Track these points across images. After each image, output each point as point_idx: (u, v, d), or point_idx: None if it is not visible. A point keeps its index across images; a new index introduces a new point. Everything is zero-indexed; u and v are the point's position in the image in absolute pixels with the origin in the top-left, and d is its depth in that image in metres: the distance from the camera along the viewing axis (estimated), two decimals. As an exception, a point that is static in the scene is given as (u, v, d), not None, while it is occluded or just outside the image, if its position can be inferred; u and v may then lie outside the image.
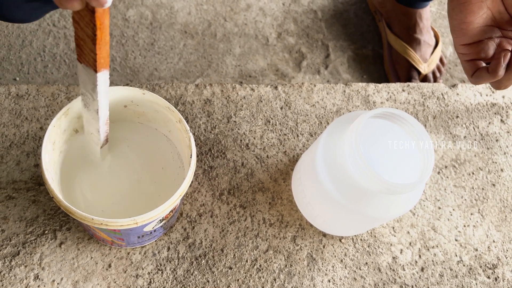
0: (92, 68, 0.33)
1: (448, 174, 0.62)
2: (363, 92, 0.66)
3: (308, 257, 0.54)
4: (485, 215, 0.60)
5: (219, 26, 0.89)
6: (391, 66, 0.88)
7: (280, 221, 0.55)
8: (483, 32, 0.45)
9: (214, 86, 0.63)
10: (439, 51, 0.88)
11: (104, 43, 0.31)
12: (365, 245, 0.56)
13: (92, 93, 0.36)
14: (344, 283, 0.53)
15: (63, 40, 0.83)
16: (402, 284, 0.54)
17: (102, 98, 0.36)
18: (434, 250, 0.56)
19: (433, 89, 0.68)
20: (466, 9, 0.44)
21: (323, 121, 0.63)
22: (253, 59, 0.87)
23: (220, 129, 0.60)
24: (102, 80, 0.35)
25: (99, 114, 0.38)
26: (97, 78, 0.34)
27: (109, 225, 0.38)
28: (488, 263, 0.57)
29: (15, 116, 0.57)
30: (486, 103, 0.68)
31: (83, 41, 0.32)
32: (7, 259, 0.49)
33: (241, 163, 0.58)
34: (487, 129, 0.66)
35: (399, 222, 0.58)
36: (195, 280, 0.51)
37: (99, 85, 0.35)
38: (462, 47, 0.47)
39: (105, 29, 0.30)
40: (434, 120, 0.65)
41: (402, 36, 0.87)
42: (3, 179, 0.53)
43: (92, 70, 0.33)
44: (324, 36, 0.91)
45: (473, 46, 0.46)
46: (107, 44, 0.32)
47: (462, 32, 0.46)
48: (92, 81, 0.34)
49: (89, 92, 0.36)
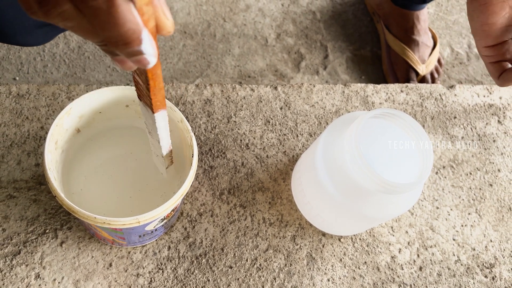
0: (150, 109, 0.35)
1: (446, 174, 0.62)
2: (362, 93, 0.66)
3: (307, 256, 0.54)
4: (482, 214, 0.60)
5: (219, 26, 0.89)
6: (390, 67, 0.89)
7: (280, 221, 0.56)
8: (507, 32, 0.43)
9: (214, 87, 0.63)
10: (437, 52, 0.89)
11: (158, 90, 0.33)
12: (364, 245, 0.56)
13: (153, 127, 0.38)
14: (343, 282, 0.54)
15: (63, 40, 0.83)
16: (401, 283, 0.54)
17: (162, 132, 0.38)
18: (432, 250, 0.57)
19: (431, 90, 0.68)
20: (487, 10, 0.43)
21: (322, 121, 0.63)
22: (252, 60, 0.87)
23: (220, 129, 0.60)
24: (160, 119, 0.36)
25: (160, 144, 0.40)
26: (155, 118, 0.36)
27: (111, 224, 0.38)
28: (486, 262, 0.57)
29: (16, 116, 0.57)
30: (483, 104, 0.68)
31: (140, 85, 0.33)
32: (8, 258, 0.50)
33: (241, 162, 0.59)
34: (485, 130, 0.66)
35: (397, 222, 0.58)
36: (196, 279, 0.51)
37: (158, 123, 0.37)
38: (486, 49, 0.45)
39: (157, 78, 0.31)
40: (432, 121, 0.66)
41: (401, 38, 0.88)
42: (4, 178, 0.53)
43: (150, 110, 0.35)
44: (323, 37, 0.92)
45: (497, 47, 0.44)
46: (161, 90, 0.33)
47: (484, 34, 0.44)
48: (152, 118, 0.36)
49: (150, 125, 0.38)
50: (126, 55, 0.25)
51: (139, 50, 0.25)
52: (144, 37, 0.24)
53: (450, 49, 0.95)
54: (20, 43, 0.54)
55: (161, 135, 0.38)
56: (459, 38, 0.97)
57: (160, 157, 0.43)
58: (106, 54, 0.29)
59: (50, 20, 0.24)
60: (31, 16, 0.24)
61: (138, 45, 0.24)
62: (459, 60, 0.94)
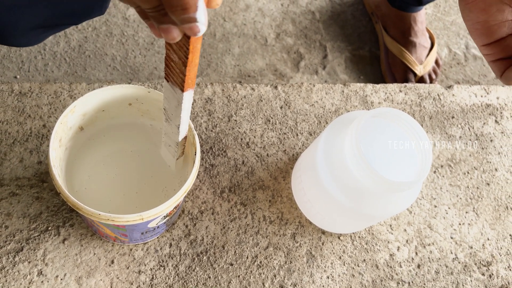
0: (179, 88, 0.35)
1: (444, 173, 0.63)
2: (361, 92, 0.67)
3: (307, 254, 0.55)
4: (479, 213, 0.61)
5: (218, 26, 0.90)
6: (388, 68, 0.90)
7: (280, 219, 0.56)
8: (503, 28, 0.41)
9: (215, 86, 0.64)
10: (434, 53, 0.89)
11: (193, 65, 0.32)
12: (363, 242, 0.57)
13: (175, 109, 0.37)
14: (342, 279, 0.54)
15: (64, 39, 0.83)
16: (399, 281, 0.55)
17: (184, 115, 0.38)
18: (430, 248, 0.58)
19: (430, 90, 0.69)
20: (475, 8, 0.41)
21: (322, 120, 0.64)
22: (252, 59, 0.88)
23: (221, 128, 0.61)
24: (187, 99, 0.36)
25: (179, 129, 0.40)
26: (183, 97, 0.35)
27: (115, 220, 0.39)
28: (483, 260, 0.58)
29: (18, 114, 0.57)
30: (481, 104, 0.69)
31: (174, 62, 0.33)
32: (10, 255, 0.50)
33: (242, 161, 0.59)
34: (482, 129, 0.67)
35: (396, 220, 0.59)
36: (197, 276, 0.52)
37: (184, 103, 0.36)
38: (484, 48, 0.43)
39: (197, 52, 0.31)
40: (431, 120, 0.67)
41: (398, 39, 0.89)
42: (6, 176, 0.54)
43: (179, 89, 0.35)
44: (322, 37, 0.93)
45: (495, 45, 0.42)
46: (196, 66, 0.33)
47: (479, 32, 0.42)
48: (177, 99, 0.36)
49: (173, 108, 0.38)
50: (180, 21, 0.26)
51: (194, 17, 0.25)
52: (200, 4, 0.25)
53: (448, 50, 0.96)
54: (13, 44, 0.54)
55: (183, 118, 0.38)
56: (457, 38, 0.98)
57: (173, 146, 0.43)
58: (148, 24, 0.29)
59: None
60: None
61: (194, 11, 0.25)
62: (457, 61, 0.95)
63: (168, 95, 0.37)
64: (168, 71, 0.35)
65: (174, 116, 0.39)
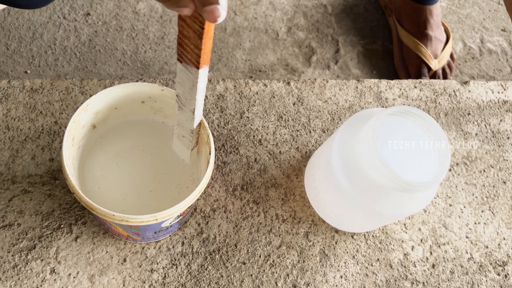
0: (194, 66, 0.34)
1: (460, 171, 0.62)
2: (376, 88, 0.66)
3: (320, 253, 0.54)
4: (495, 212, 0.60)
5: (229, 20, 0.89)
6: (402, 62, 0.88)
7: (293, 217, 0.56)
8: None
9: (227, 82, 0.63)
10: (449, 47, 0.88)
11: (209, 37, 0.32)
12: (376, 242, 0.56)
13: (190, 92, 0.36)
14: (356, 279, 0.54)
15: (74, 33, 0.83)
16: (413, 281, 0.54)
17: (199, 96, 0.37)
18: (445, 247, 0.57)
19: (445, 86, 0.68)
20: None
21: (335, 117, 0.63)
22: (263, 54, 0.87)
23: (233, 125, 0.60)
24: (202, 77, 0.35)
25: (194, 114, 0.38)
26: (198, 75, 0.34)
27: (129, 221, 0.38)
28: (498, 260, 0.57)
29: (29, 111, 0.57)
30: (497, 101, 0.68)
31: (188, 38, 0.32)
32: (23, 253, 0.50)
33: (254, 158, 0.58)
34: (499, 126, 0.66)
35: (410, 219, 0.58)
36: (209, 275, 0.52)
37: (199, 83, 0.35)
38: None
39: (212, 24, 0.31)
40: (446, 117, 0.65)
41: (413, 32, 0.87)
42: (18, 173, 0.53)
43: (194, 67, 0.34)
44: (334, 31, 0.91)
45: None
46: (211, 39, 0.32)
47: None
48: (192, 80, 0.35)
49: (187, 91, 0.37)
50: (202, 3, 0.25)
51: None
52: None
53: (463, 44, 0.94)
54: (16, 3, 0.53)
55: (198, 101, 0.37)
56: (472, 32, 0.96)
57: (187, 136, 0.41)
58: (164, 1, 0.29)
59: None
60: None
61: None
62: (472, 55, 0.93)
63: (181, 78, 0.36)
64: (181, 50, 0.34)
65: (188, 100, 0.37)
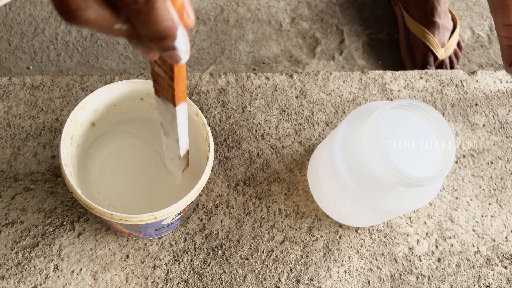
0: (171, 102, 0.33)
1: (466, 163, 0.61)
2: (380, 80, 0.65)
3: (324, 247, 0.54)
4: (503, 205, 0.59)
5: (232, 11, 0.88)
6: (408, 50, 0.86)
7: (296, 212, 0.55)
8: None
9: (229, 75, 0.62)
10: (457, 35, 0.86)
11: (181, 79, 0.31)
12: (381, 236, 0.55)
13: (171, 124, 0.36)
14: (360, 273, 0.53)
15: (76, 28, 0.82)
16: (419, 275, 0.54)
17: (181, 129, 0.37)
18: (451, 241, 0.56)
19: (452, 76, 0.66)
20: None
21: (339, 110, 0.62)
22: (267, 45, 0.86)
23: (235, 119, 0.59)
24: (181, 113, 0.35)
25: (179, 143, 0.38)
26: (176, 112, 0.34)
27: (128, 220, 0.38)
28: (506, 253, 0.56)
29: (30, 108, 0.57)
30: (506, 91, 0.66)
31: (161, 77, 0.32)
32: (26, 250, 0.50)
33: (257, 153, 0.58)
34: (507, 117, 0.64)
35: (415, 213, 0.57)
36: (212, 271, 0.51)
37: (178, 118, 0.35)
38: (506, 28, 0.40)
39: (182, 66, 0.30)
40: (453, 108, 0.64)
41: (420, 20, 0.85)
42: (20, 171, 0.53)
43: (171, 104, 0.33)
44: (339, 21, 0.90)
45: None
46: (184, 79, 0.32)
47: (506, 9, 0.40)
48: (171, 114, 0.34)
49: (168, 123, 0.36)
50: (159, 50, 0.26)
51: (173, 46, 0.25)
52: (178, 33, 0.25)
53: (471, 32, 0.92)
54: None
55: (180, 132, 0.37)
56: (480, 20, 0.94)
57: (177, 160, 0.42)
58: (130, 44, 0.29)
59: None
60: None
61: (172, 41, 0.25)
62: (480, 43, 0.91)
63: (162, 110, 0.36)
64: (156, 86, 0.33)
65: (171, 131, 0.37)
